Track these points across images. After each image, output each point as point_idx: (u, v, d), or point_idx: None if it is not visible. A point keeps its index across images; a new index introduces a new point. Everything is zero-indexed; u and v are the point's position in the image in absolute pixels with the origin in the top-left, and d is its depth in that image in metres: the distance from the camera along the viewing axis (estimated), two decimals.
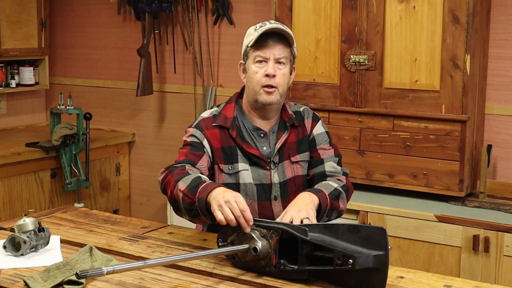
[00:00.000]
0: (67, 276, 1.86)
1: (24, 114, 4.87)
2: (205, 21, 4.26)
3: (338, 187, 2.30)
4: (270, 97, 2.27)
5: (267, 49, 2.26)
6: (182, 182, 2.10)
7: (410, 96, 3.26)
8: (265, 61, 2.27)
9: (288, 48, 2.30)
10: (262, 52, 2.27)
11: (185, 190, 2.08)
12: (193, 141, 2.30)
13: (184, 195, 2.08)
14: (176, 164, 2.22)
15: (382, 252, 1.79)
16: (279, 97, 2.28)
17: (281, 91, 2.29)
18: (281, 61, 2.27)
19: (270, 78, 2.25)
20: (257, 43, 2.27)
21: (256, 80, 2.27)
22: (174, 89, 4.47)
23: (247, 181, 2.30)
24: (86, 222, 2.48)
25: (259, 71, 2.27)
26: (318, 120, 2.45)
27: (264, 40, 2.26)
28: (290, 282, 1.89)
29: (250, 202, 2.30)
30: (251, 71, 2.29)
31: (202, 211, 2.05)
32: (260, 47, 2.27)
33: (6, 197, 3.88)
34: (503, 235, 2.93)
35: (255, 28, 2.30)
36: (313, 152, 2.40)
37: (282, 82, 2.28)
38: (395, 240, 3.12)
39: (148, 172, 4.61)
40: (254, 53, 2.28)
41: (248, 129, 2.35)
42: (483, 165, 3.26)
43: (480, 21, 3.22)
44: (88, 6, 4.76)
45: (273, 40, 2.26)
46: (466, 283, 1.95)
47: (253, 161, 2.31)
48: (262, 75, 2.26)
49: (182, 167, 2.19)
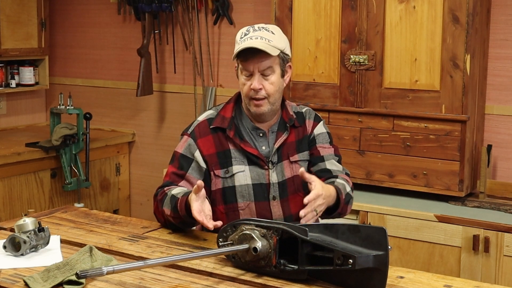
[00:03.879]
0: (67, 276, 1.86)
1: (24, 114, 4.87)
2: (205, 21, 4.26)
3: (350, 192, 2.32)
4: (260, 109, 2.28)
5: (250, 63, 2.24)
6: (165, 207, 2.26)
7: (410, 96, 3.26)
8: (251, 74, 2.25)
9: (274, 56, 2.24)
10: (246, 65, 2.25)
11: (170, 214, 2.24)
12: (183, 154, 2.36)
13: (173, 218, 2.25)
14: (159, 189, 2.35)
15: (382, 252, 1.79)
16: (270, 106, 2.28)
17: (272, 100, 2.28)
18: (266, 73, 2.25)
19: (256, 91, 2.25)
20: (240, 56, 2.25)
21: (244, 92, 2.29)
22: (174, 89, 4.47)
23: (242, 183, 2.31)
24: (86, 222, 2.48)
25: (246, 84, 2.27)
26: (320, 120, 2.45)
27: (245, 55, 2.23)
28: (290, 282, 1.89)
29: (248, 204, 2.30)
30: (240, 81, 2.31)
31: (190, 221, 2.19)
32: (243, 60, 2.25)
33: (6, 197, 3.88)
34: (503, 235, 2.93)
35: (241, 35, 2.26)
36: (313, 149, 2.39)
37: (272, 91, 2.26)
38: (395, 240, 3.12)
39: (148, 172, 4.61)
40: (240, 65, 2.28)
41: (247, 128, 2.35)
42: (483, 165, 3.26)
43: (480, 21, 3.22)
44: (88, 6, 4.76)
45: (254, 55, 2.22)
46: (466, 283, 1.95)
47: (251, 160, 2.31)
48: (248, 88, 2.26)
49: (162, 191, 2.32)
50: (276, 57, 2.25)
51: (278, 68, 2.27)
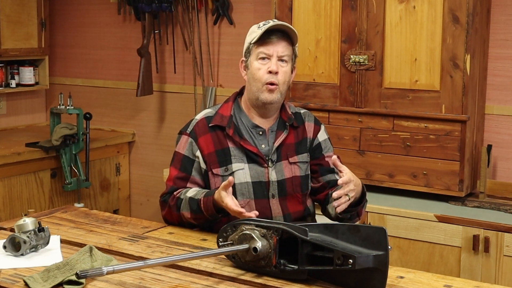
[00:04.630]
0: (67, 276, 1.86)
1: (24, 114, 4.87)
2: (205, 21, 4.26)
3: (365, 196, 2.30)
4: (271, 95, 2.28)
5: (270, 46, 2.28)
6: (184, 211, 2.29)
7: (410, 96, 3.26)
8: (268, 58, 2.28)
9: (291, 47, 2.32)
10: (266, 49, 2.28)
11: (191, 216, 2.28)
12: (185, 156, 2.37)
13: (194, 219, 2.29)
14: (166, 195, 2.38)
15: (382, 252, 1.79)
16: (279, 96, 2.30)
17: (282, 89, 2.30)
18: (283, 59, 2.29)
19: (272, 75, 2.27)
20: (261, 40, 2.28)
21: (258, 76, 2.28)
22: (174, 89, 4.47)
23: (242, 181, 2.31)
24: (86, 222, 2.48)
25: (262, 68, 2.28)
26: (321, 125, 2.48)
27: (267, 37, 2.28)
28: (290, 282, 1.89)
29: (247, 201, 2.31)
30: (253, 67, 2.30)
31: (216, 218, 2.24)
32: (264, 43, 2.28)
33: (6, 197, 3.88)
34: (503, 235, 2.93)
35: (258, 26, 2.32)
36: (321, 159, 2.42)
37: (284, 80, 2.29)
38: (395, 240, 3.12)
39: (148, 172, 4.61)
40: (257, 50, 2.29)
41: (247, 126, 2.36)
42: (483, 165, 3.26)
43: (480, 21, 3.22)
44: (88, 6, 4.76)
45: (277, 37, 2.28)
46: (466, 283, 1.95)
47: (251, 158, 2.32)
48: (265, 72, 2.28)
49: (173, 196, 2.34)
50: (292, 50, 2.32)
51: (291, 61, 2.33)
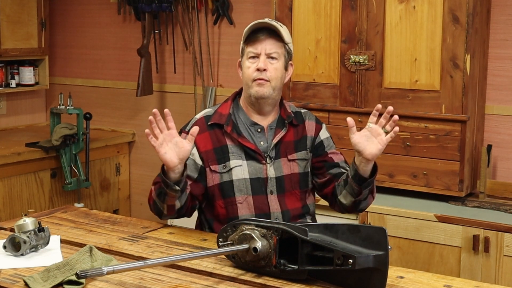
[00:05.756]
0: (67, 276, 1.86)
1: (24, 114, 4.87)
2: (205, 21, 4.26)
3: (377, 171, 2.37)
4: (261, 89, 2.31)
5: (258, 44, 2.32)
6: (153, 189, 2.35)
7: (410, 96, 3.26)
8: (257, 57, 2.32)
9: (281, 43, 2.34)
10: (254, 48, 2.33)
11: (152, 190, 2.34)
12: None
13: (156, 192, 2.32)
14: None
15: (382, 252, 1.80)
16: (271, 90, 2.32)
17: (274, 85, 2.32)
18: (272, 56, 2.32)
19: (261, 72, 2.30)
20: (249, 39, 2.34)
21: (248, 74, 2.33)
22: (174, 89, 4.47)
23: (240, 177, 2.33)
24: (86, 222, 2.48)
25: (251, 66, 2.32)
26: (322, 124, 2.50)
27: (254, 36, 2.32)
28: (290, 282, 1.90)
29: (245, 198, 2.32)
30: (244, 66, 2.35)
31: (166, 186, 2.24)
32: (251, 42, 2.33)
33: (6, 197, 3.88)
34: (503, 235, 2.93)
35: (250, 25, 2.35)
36: (324, 156, 2.43)
37: (275, 76, 2.32)
38: (395, 240, 3.12)
39: (148, 172, 4.61)
40: (247, 49, 2.35)
41: (245, 124, 2.39)
42: (483, 165, 3.25)
43: (480, 21, 3.22)
44: (88, 6, 4.76)
45: (264, 35, 2.32)
46: (466, 283, 1.95)
47: (249, 155, 2.34)
48: (253, 70, 2.32)
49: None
50: (283, 47, 2.34)
51: (282, 58, 2.34)
